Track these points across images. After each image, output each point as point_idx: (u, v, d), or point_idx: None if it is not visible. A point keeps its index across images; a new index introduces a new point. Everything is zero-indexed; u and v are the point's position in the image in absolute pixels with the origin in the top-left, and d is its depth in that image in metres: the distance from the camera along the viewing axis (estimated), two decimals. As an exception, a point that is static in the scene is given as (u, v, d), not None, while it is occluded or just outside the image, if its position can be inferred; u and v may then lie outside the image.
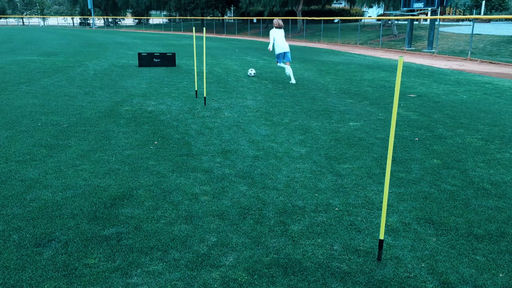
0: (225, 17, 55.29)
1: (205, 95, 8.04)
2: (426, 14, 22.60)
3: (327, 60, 17.01)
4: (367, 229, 3.32)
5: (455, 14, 44.52)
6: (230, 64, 15.09)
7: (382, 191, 4.04)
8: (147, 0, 56.70)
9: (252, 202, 3.76)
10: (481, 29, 23.46)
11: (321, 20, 32.36)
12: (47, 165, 4.59)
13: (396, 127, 6.32)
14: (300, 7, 39.06)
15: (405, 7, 23.01)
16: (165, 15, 66.81)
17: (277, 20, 10.48)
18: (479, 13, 37.44)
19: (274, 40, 10.34)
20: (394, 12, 27.87)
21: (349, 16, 42.29)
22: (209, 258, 2.89)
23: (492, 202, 3.85)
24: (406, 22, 25.74)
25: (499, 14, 37.45)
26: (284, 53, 10.52)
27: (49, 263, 2.79)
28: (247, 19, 44.76)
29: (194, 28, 9.19)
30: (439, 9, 21.43)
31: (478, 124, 6.67)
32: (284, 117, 7.02)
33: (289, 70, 10.66)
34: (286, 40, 10.81)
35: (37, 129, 6.04)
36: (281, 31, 10.48)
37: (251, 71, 11.96)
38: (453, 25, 32.05)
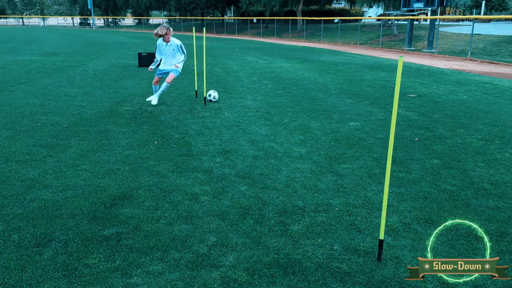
0: (225, 17, 55.28)
1: (205, 95, 8.04)
2: (426, 14, 22.60)
3: (327, 60, 17.00)
4: (367, 229, 3.32)
5: (455, 14, 44.51)
6: (230, 64, 15.08)
7: (382, 191, 4.04)
8: (147, 0, 56.72)
9: (252, 202, 3.76)
10: (481, 29, 23.46)
11: (321, 20, 32.37)
12: (47, 165, 4.59)
13: (396, 127, 6.31)
14: (300, 7, 39.07)
15: (405, 7, 23.02)
16: (165, 15, 66.78)
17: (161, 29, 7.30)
18: (479, 13, 37.45)
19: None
20: (394, 12, 27.87)
21: (349, 16, 42.30)
22: (209, 258, 2.89)
23: (492, 202, 3.84)
24: (406, 22, 25.73)
25: (499, 14, 37.45)
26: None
27: (49, 263, 2.79)
28: (247, 19, 44.76)
29: (194, 28, 9.18)
30: (439, 9, 21.44)
31: (478, 124, 6.67)
32: (284, 117, 7.02)
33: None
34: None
35: (37, 129, 6.04)
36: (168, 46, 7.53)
37: (213, 95, 8.26)
38: (453, 25, 32.06)
